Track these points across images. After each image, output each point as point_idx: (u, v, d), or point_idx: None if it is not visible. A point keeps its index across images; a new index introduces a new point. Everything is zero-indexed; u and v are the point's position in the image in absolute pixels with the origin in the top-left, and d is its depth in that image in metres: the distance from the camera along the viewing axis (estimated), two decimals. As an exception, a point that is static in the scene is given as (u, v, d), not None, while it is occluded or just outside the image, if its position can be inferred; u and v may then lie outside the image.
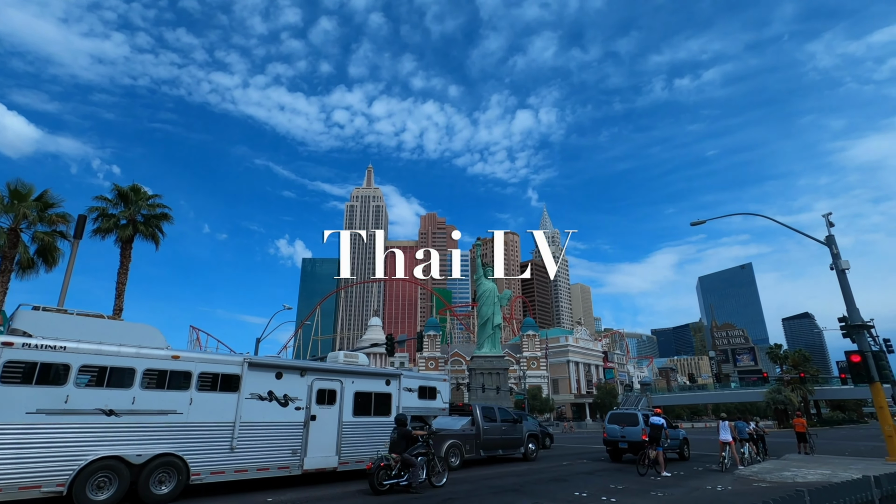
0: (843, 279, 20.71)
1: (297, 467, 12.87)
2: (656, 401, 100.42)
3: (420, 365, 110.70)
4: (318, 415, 13.64)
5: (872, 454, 23.32)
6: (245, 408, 12.22)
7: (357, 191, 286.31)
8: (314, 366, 14.20)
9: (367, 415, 15.00)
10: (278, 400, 12.91)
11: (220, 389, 12.00)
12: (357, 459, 14.38)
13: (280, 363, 13.52)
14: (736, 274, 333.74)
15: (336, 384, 14.41)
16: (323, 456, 13.54)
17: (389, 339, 32.50)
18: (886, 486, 4.68)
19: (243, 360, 12.55)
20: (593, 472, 16.72)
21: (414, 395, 16.80)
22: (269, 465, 12.37)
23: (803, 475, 14.33)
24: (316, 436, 13.43)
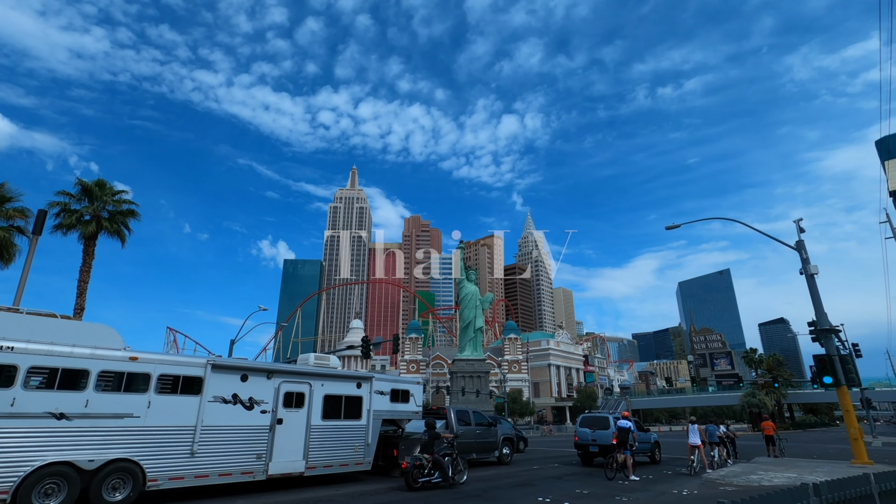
0: (812, 284, 21.09)
1: (262, 472, 12.55)
2: (635, 404, 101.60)
3: (401, 368, 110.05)
4: (284, 418, 13.31)
5: (840, 457, 23.74)
6: (207, 411, 11.86)
7: (341, 192, 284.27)
8: (282, 368, 13.87)
9: (336, 418, 14.69)
10: (243, 403, 12.56)
11: (182, 392, 11.60)
12: (325, 464, 14.06)
13: (245, 365, 13.13)
14: (714, 279, 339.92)
15: (304, 387, 14.08)
16: (289, 460, 13.21)
17: (365, 341, 32.13)
18: (826, 493, 4.63)
19: (206, 362, 12.18)
20: (562, 476, 16.63)
21: (386, 399, 16.52)
22: (232, 471, 12.04)
23: (770, 478, 14.45)
24: (282, 440, 13.11)
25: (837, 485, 4.93)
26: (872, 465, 18.74)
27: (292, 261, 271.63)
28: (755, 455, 25.36)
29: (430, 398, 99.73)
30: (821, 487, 4.55)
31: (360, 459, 15.10)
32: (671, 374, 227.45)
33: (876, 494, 5.07)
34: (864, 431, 61.69)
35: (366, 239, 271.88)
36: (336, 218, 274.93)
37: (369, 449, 15.41)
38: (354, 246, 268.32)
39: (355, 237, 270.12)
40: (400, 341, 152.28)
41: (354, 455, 14.93)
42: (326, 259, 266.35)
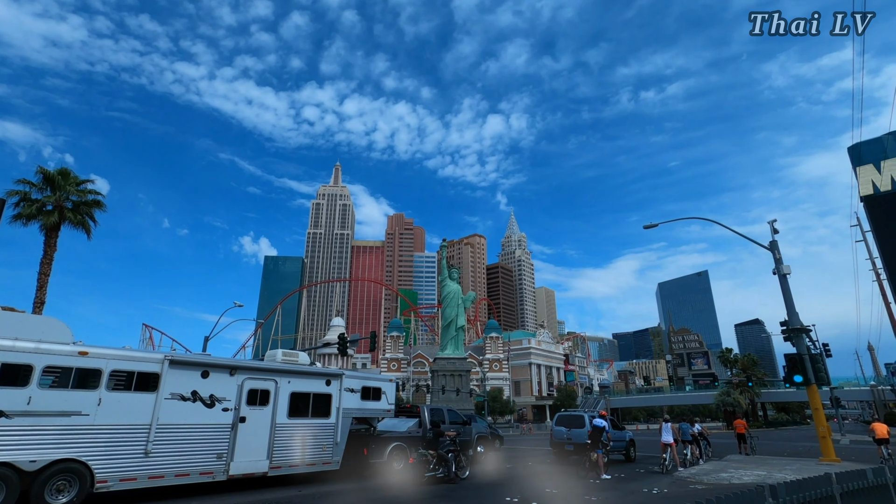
0: (784, 283, 21.32)
1: (222, 472, 12.10)
2: (614, 403, 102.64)
3: (382, 366, 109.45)
4: (248, 416, 12.86)
5: (809, 454, 24.11)
6: (164, 409, 11.39)
7: (324, 188, 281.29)
8: (246, 364, 13.41)
9: (303, 416, 14.27)
10: (203, 400, 12.10)
11: (136, 389, 11.10)
12: (291, 464, 13.63)
13: (207, 361, 12.63)
14: (693, 281, 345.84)
15: (270, 384, 13.63)
16: (252, 460, 12.75)
17: (342, 338, 31.60)
18: (783, 496, 4.43)
19: (164, 357, 11.71)
20: (533, 475, 16.43)
21: (356, 396, 16.13)
22: (190, 471, 11.57)
23: (739, 476, 14.49)
24: (245, 439, 12.67)
25: (796, 486, 4.74)
26: (840, 462, 18.99)
27: (273, 257, 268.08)
28: (728, 453, 25.64)
29: (411, 397, 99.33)
30: (778, 489, 4.35)
31: (329, 459, 14.70)
32: (650, 373, 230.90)
33: (837, 495, 4.91)
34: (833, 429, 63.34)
35: (349, 236, 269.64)
36: (319, 215, 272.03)
37: (338, 448, 15.02)
38: (337, 243, 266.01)
39: (338, 234, 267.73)
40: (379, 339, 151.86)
41: (322, 454, 14.53)
42: (308, 256, 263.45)
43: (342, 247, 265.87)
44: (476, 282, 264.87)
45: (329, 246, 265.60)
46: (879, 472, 5.82)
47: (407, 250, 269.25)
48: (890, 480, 5.90)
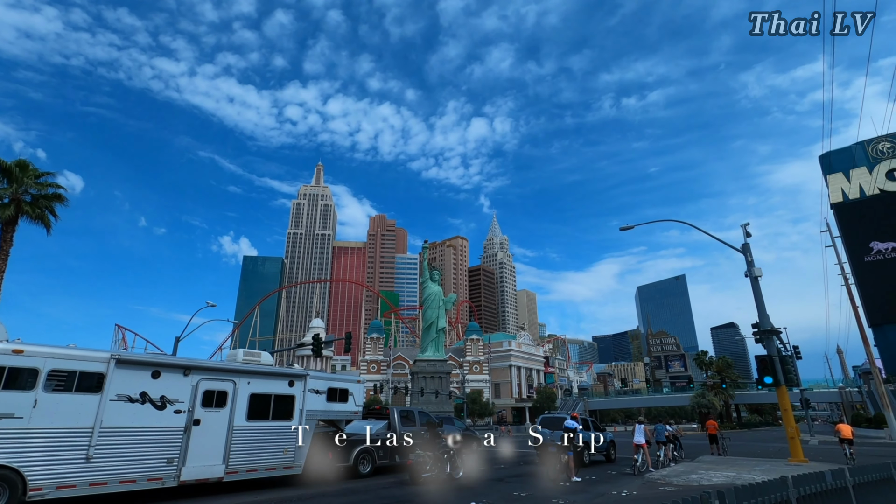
0: (755, 286, 21.49)
1: (173, 478, 11.51)
2: (593, 405, 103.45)
3: (361, 368, 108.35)
4: (202, 419, 12.29)
5: (779, 455, 24.34)
6: (109, 411, 10.76)
7: (305, 188, 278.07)
8: (201, 364, 12.81)
9: (264, 419, 13.72)
10: (153, 402, 11.51)
11: (78, 390, 10.44)
12: (249, 468, 13.06)
13: (158, 360, 12.08)
14: (671, 284, 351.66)
15: (228, 385, 13.07)
16: (206, 465, 12.16)
17: (316, 339, 30.92)
18: (732, 502, 4.14)
19: (110, 356, 11.08)
20: (504, 478, 16.13)
21: (322, 398, 15.62)
22: (137, 477, 10.96)
23: (709, 478, 14.42)
24: (199, 442, 12.09)
25: (749, 491, 4.48)
26: (807, 462, 19.14)
27: (252, 258, 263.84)
28: (701, 454, 25.77)
29: (390, 399, 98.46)
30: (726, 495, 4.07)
31: (290, 463, 14.16)
32: (628, 375, 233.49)
33: (794, 500, 4.66)
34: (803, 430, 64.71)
35: (330, 237, 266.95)
36: (300, 215, 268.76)
37: (301, 452, 14.49)
38: (318, 244, 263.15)
39: (319, 235, 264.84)
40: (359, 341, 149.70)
41: (283, 458, 13.99)
42: (288, 257, 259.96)
43: (323, 247, 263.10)
44: (458, 284, 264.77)
45: (310, 246, 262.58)
46: (839, 474, 5.64)
47: (389, 252, 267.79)
48: (850, 483, 5.72)
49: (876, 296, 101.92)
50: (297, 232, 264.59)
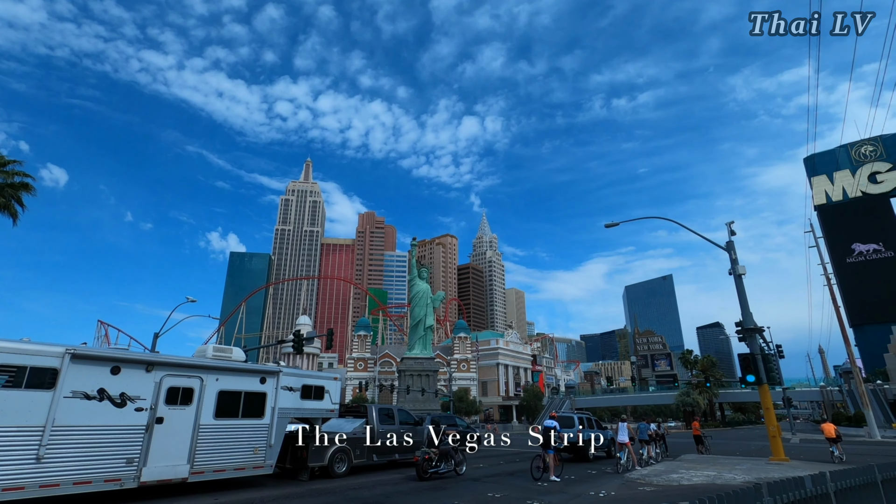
0: (739, 284, 21.42)
1: (133, 479, 10.95)
2: (579, 403, 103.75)
3: (349, 366, 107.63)
4: (166, 417, 11.75)
5: (760, 454, 24.37)
6: (63, 409, 10.16)
7: (293, 184, 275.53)
8: (166, 360, 12.25)
9: (233, 417, 13.17)
10: (112, 399, 10.90)
11: (28, 386, 9.82)
12: (216, 468, 12.52)
13: (118, 356, 11.47)
14: (658, 284, 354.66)
15: (195, 381, 12.51)
16: (169, 465, 11.61)
17: (297, 335, 30.35)
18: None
19: (65, 350, 10.44)
20: (481, 478, 15.76)
21: (296, 395, 15.11)
22: (93, 478, 10.35)
23: (689, 478, 14.24)
24: (162, 441, 11.54)
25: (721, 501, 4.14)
26: (788, 461, 19.11)
27: (239, 254, 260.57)
28: (686, 452, 25.82)
29: (376, 397, 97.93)
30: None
31: (260, 462, 13.64)
32: (614, 374, 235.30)
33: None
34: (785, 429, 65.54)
35: (318, 234, 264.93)
36: (288, 211, 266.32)
37: (272, 451, 13.99)
38: (306, 240, 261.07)
39: (307, 231, 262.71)
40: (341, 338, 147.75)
41: (253, 458, 13.46)
42: (276, 253, 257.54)
43: (311, 244, 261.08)
44: (447, 282, 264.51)
45: (298, 243, 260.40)
46: (819, 479, 5.31)
47: (378, 249, 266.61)
48: (831, 489, 5.38)
49: (857, 296, 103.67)
50: (284, 228, 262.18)
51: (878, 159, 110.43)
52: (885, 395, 64.88)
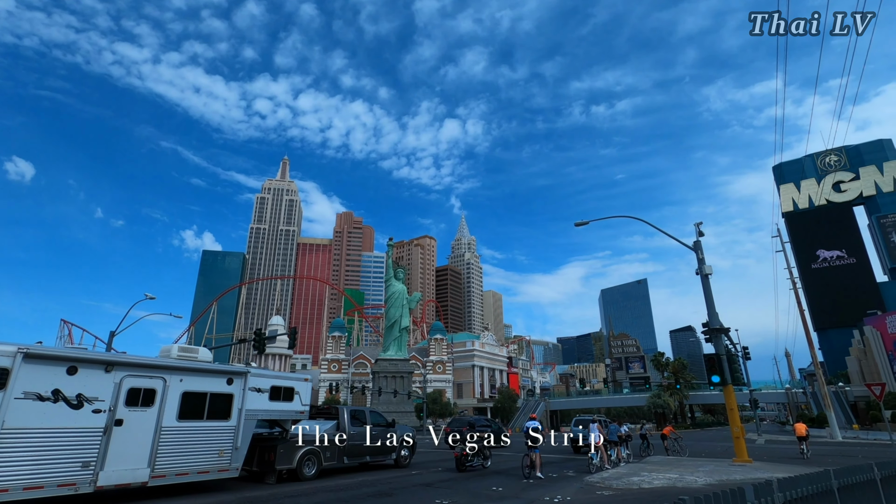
0: (705, 284, 21.73)
1: (89, 483, 10.57)
2: (554, 405, 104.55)
3: (322, 367, 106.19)
4: (126, 419, 11.40)
5: (725, 455, 24.77)
6: (14, 410, 9.78)
7: (270, 182, 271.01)
8: (126, 360, 11.92)
9: (197, 418, 12.89)
10: (68, 401, 10.55)
11: None
12: (179, 472, 12.19)
13: (75, 356, 11.10)
14: (633, 288, 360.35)
15: (157, 382, 12.19)
16: (128, 469, 11.26)
17: (258, 333, 29.56)
18: None
19: (17, 349, 10.04)
20: (434, 482, 15.20)
21: (264, 397, 14.83)
22: (45, 483, 9.98)
23: (650, 481, 14.19)
24: (121, 444, 11.20)
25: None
26: (751, 462, 19.41)
27: (212, 252, 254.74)
28: (656, 454, 26.14)
29: (349, 399, 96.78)
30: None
31: (226, 466, 13.34)
32: (589, 376, 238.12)
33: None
34: (751, 430, 67.18)
35: (294, 233, 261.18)
36: (263, 209, 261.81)
37: (238, 454, 13.69)
38: (282, 240, 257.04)
39: (283, 231, 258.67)
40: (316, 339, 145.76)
41: (219, 461, 13.16)
42: (250, 252, 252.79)
43: (287, 243, 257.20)
44: (425, 283, 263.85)
45: (273, 242, 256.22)
46: (764, 490, 5.08)
47: (355, 249, 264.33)
48: (778, 500, 5.18)
49: (821, 301, 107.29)
50: (260, 227, 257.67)
51: (842, 169, 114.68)
52: (846, 396, 67.15)
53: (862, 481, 7.68)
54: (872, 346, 69.12)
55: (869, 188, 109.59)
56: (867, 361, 70.70)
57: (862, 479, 7.70)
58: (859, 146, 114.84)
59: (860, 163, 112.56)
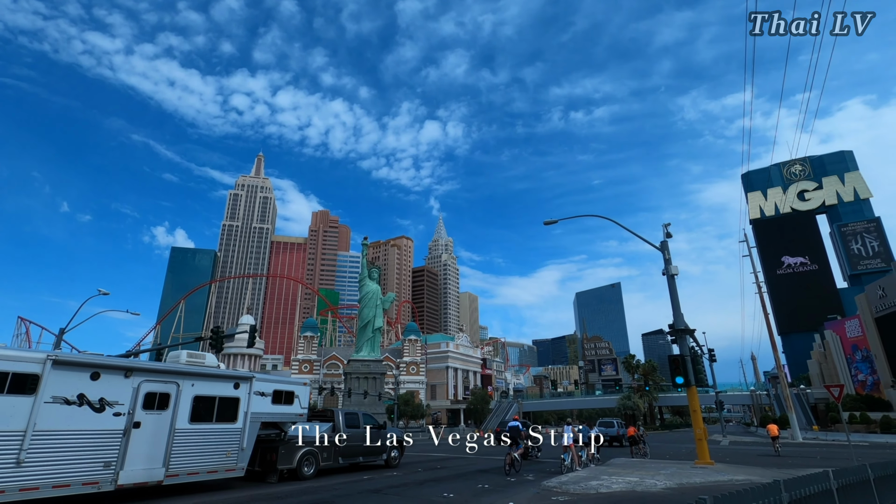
0: (671, 283, 21.60)
1: (110, 482, 11.33)
2: (527, 407, 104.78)
3: (293, 368, 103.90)
4: (143, 421, 12.19)
5: (689, 457, 24.68)
6: (43, 414, 10.43)
7: (243, 179, 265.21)
8: (144, 366, 12.71)
9: (207, 421, 13.75)
10: (91, 404, 11.26)
11: (9, 392, 10.10)
12: (191, 471, 13.05)
13: (98, 362, 11.77)
14: (607, 292, 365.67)
15: (171, 387, 13.02)
16: (145, 468, 12.03)
17: (216, 331, 28.22)
18: None
19: (46, 356, 10.69)
20: (383, 489, 14.68)
21: (267, 400, 15.74)
22: (71, 481, 10.68)
23: (609, 485, 13.67)
24: (139, 445, 11.99)
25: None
26: (713, 464, 19.22)
27: (181, 249, 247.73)
28: (623, 455, 26.00)
29: (321, 400, 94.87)
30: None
31: (232, 465, 14.19)
32: (561, 378, 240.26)
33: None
34: (716, 431, 68.28)
35: (268, 231, 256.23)
36: (236, 206, 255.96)
37: (244, 454, 14.58)
38: (255, 237, 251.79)
39: (256, 228, 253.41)
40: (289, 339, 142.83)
41: (226, 461, 14.02)
42: (222, 250, 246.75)
43: (260, 241, 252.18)
44: (401, 284, 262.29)
45: (246, 240, 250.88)
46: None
47: (331, 249, 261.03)
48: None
49: (785, 306, 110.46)
50: (232, 224, 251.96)
51: (806, 178, 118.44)
52: (807, 398, 69.00)
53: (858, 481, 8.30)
54: (832, 350, 71.24)
55: (831, 198, 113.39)
56: (827, 365, 72.82)
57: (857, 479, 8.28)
58: (823, 157, 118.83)
59: (823, 173, 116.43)
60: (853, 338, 67.48)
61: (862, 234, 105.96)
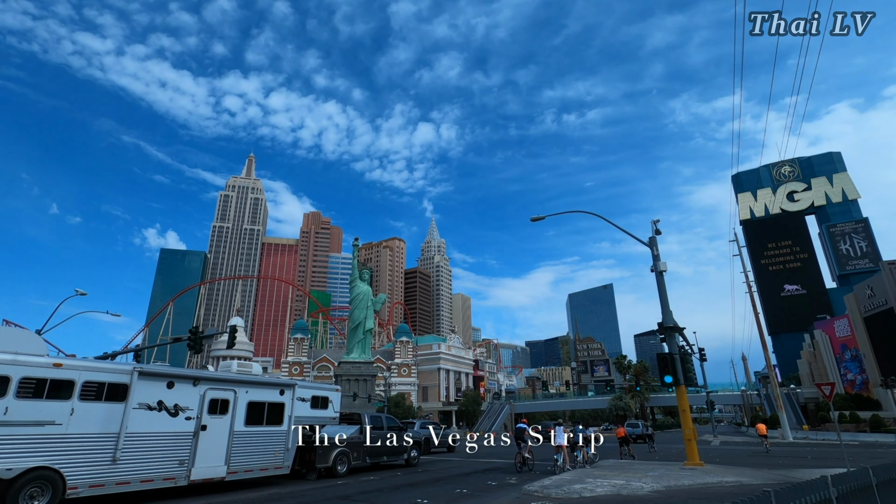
0: (660, 280, 21.22)
1: (184, 478, 12.76)
2: (519, 408, 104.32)
3: (283, 370, 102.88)
4: (209, 424, 13.56)
5: (679, 458, 24.27)
6: (132, 418, 11.91)
7: (234, 180, 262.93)
8: (208, 375, 14.20)
9: (258, 424, 15.20)
10: (168, 410, 12.69)
11: (106, 399, 11.59)
12: (246, 469, 14.45)
13: (172, 372, 13.29)
14: (599, 293, 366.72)
15: (230, 394, 14.41)
16: (211, 466, 13.47)
17: (195, 331, 27.48)
18: None
19: (133, 369, 12.19)
20: (353, 495, 14.08)
21: (307, 405, 17.24)
22: (154, 477, 12.14)
23: (592, 489, 13.08)
24: (205, 446, 13.37)
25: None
26: (703, 465, 18.75)
27: (171, 251, 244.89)
28: (613, 456, 26.09)
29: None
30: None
31: (280, 464, 15.67)
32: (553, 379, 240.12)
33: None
34: (707, 431, 68.10)
35: (259, 232, 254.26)
36: (227, 208, 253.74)
37: (289, 454, 16.10)
38: (246, 239, 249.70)
39: (247, 230, 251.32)
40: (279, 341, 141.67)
41: (274, 460, 15.50)
42: (212, 251, 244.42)
43: (251, 243, 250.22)
44: (394, 286, 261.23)
45: (237, 241, 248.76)
46: None
47: (323, 250, 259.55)
48: None
49: (775, 306, 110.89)
50: (223, 225, 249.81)
51: (795, 179, 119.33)
52: (797, 398, 69.12)
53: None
54: (822, 350, 71.49)
55: (820, 198, 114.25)
56: (817, 364, 73.04)
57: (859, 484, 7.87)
58: (811, 158, 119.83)
59: (812, 174, 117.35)
60: (842, 337, 67.75)
61: (850, 234, 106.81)
